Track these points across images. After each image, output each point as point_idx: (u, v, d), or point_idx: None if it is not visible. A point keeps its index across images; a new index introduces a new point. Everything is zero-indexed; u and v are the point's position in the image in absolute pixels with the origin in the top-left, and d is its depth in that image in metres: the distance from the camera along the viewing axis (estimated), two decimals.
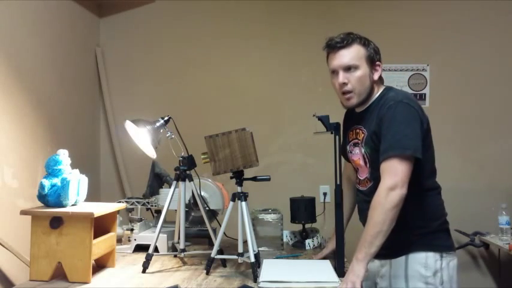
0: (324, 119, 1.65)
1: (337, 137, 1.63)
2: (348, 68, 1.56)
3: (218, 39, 3.01)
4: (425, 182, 1.56)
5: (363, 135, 1.61)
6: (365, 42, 1.57)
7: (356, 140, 1.65)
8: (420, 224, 1.55)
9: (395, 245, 1.50)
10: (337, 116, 1.69)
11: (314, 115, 1.66)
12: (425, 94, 2.91)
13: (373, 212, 1.43)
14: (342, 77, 1.56)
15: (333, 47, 1.59)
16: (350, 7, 2.94)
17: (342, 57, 1.56)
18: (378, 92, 1.61)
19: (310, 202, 2.19)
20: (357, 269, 1.40)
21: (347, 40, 1.56)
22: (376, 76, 1.59)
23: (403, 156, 1.42)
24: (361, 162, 1.63)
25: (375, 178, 1.55)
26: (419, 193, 1.53)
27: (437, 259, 1.52)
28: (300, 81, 2.97)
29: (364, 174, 1.65)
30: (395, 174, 1.42)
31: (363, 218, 1.63)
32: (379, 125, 1.51)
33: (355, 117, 1.67)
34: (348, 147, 1.72)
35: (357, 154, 1.65)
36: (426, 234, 1.54)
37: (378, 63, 1.59)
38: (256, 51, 3.01)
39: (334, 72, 1.60)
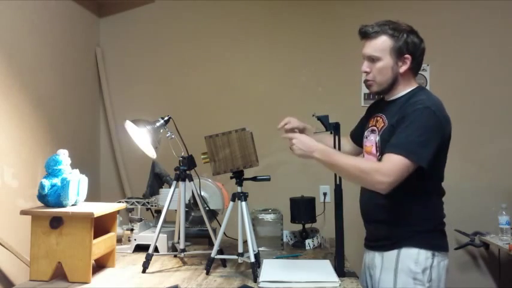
0: (323, 119, 1.65)
1: (336, 136, 1.63)
2: (371, 59, 1.59)
3: (218, 39, 3.01)
4: (431, 186, 1.57)
5: (382, 124, 1.61)
6: (394, 34, 1.55)
7: (374, 128, 1.65)
8: (417, 223, 1.56)
9: (389, 239, 1.54)
10: (337, 116, 1.69)
11: (314, 115, 1.66)
12: None
13: (366, 162, 1.55)
14: (364, 65, 1.62)
15: (361, 35, 1.61)
16: (350, 7, 2.94)
17: (366, 47, 1.60)
18: (409, 87, 1.61)
19: (310, 202, 2.20)
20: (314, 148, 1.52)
21: (375, 31, 1.57)
22: (402, 69, 1.57)
23: (406, 159, 1.42)
24: (373, 150, 1.64)
25: None
26: (422, 195, 1.55)
27: (429, 257, 1.52)
28: (300, 81, 2.97)
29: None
30: (391, 171, 1.42)
31: (364, 209, 1.63)
32: (399, 121, 1.51)
33: (382, 106, 1.68)
34: (365, 132, 1.73)
35: (371, 141, 1.65)
36: (421, 232, 1.55)
37: (407, 56, 1.56)
38: (256, 51, 3.01)
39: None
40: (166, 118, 1.82)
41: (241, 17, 3.02)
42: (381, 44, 1.56)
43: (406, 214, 1.53)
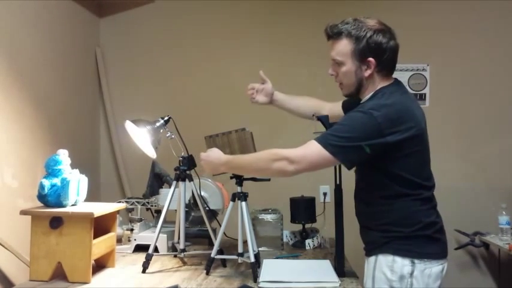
0: (323, 119, 1.65)
1: None
2: (336, 62, 1.52)
3: (218, 39, 3.01)
4: (397, 188, 1.44)
5: None
6: (356, 35, 1.46)
7: None
8: (389, 228, 1.46)
9: (369, 244, 1.51)
10: None
11: (314, 115, 1.66)
12: (425, 94, 2.91)
13: (262, 155, 1.51)
14: (330, 69, 1.56)
15: (326, 35, 1.55)
16: (350, 7, 2.94)
17: (331, 49, 1.53)
18: (373, 89, 1.50)
19: (310, 202, 2.19)
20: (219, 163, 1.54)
21: (337, 32, 1.50)
22: (367, 73, 1.47)
23: (323, 149, 1.39)
24: None
25: (358, 173, 1.55)
26: (398, 200, 1.45)
27: (406, 265, 1.41)
28: (299, 81, 2.97)
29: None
30: (303, 157, 1.43)
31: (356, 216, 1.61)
32: None
33: (354, 107, 1.57)
34: None
35: None
36: (396, 238, 1.44)
37: (370, 59, 1.45)
38: (256, 51, 3.01)
39: None
40: (166, 118, 1.82)
41: (241, 17, 3.02)
42: (343, 47, 1.48)
43: (382, 219, 1.46)
